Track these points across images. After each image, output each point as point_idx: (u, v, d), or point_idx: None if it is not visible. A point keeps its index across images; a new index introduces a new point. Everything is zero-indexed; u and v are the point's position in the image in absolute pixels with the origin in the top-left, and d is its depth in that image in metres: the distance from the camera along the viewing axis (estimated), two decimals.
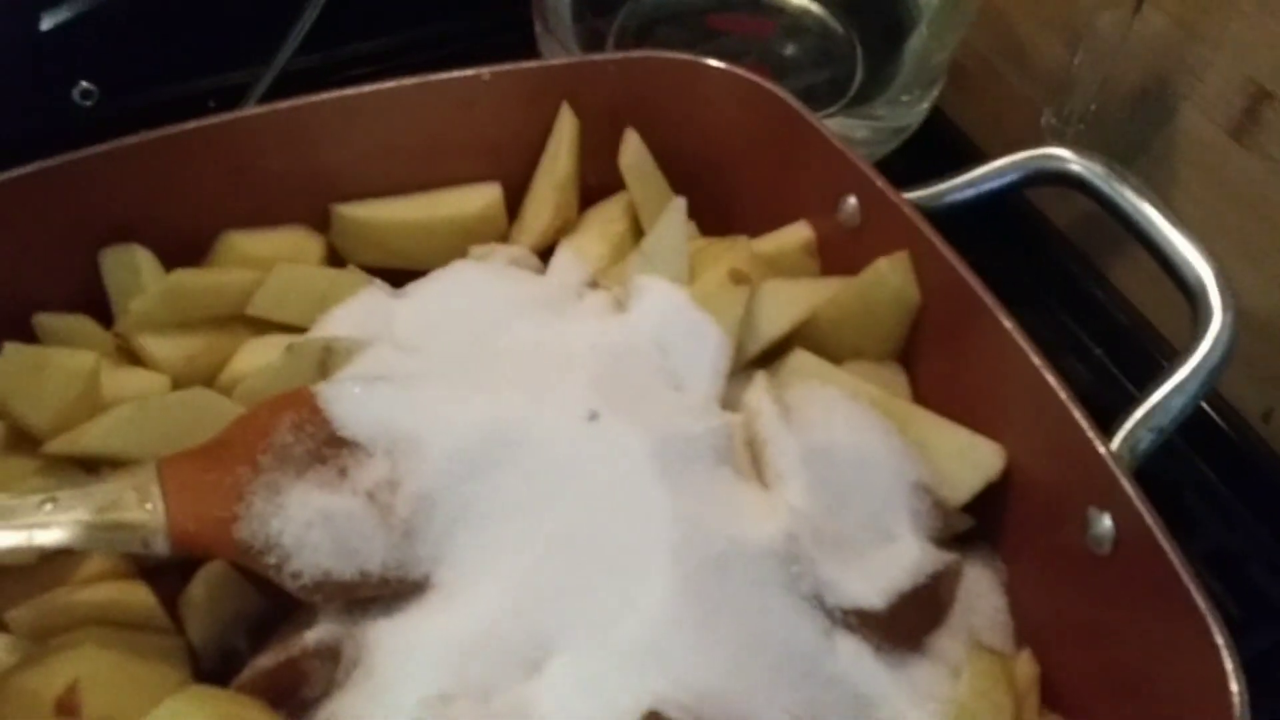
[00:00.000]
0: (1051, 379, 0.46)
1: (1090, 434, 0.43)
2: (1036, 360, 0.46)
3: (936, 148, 0.74)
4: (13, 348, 0.47)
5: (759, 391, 0.48)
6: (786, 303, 0.52)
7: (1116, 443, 0.45)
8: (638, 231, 0.59)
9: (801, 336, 0.53)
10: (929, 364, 0.53)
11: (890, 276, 0.51)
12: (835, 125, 0.65)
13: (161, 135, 0.53)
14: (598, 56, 0.60)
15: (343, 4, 0.72)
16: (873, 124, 0.70)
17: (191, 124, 0.53)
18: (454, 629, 0.41)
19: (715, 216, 0.60)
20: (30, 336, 0.52)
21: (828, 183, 0.56)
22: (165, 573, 0.46)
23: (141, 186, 0.53)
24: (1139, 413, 0.46)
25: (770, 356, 0.52)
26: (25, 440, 0.47)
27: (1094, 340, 0.69)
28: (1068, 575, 0.45)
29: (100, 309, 0.54)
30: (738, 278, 0.50)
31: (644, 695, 0.39)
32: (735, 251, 0.52)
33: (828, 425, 0.48)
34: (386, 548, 0.43)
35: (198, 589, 0.45)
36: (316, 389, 0.47)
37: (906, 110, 0.71)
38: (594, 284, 0.55)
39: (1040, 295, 0.71)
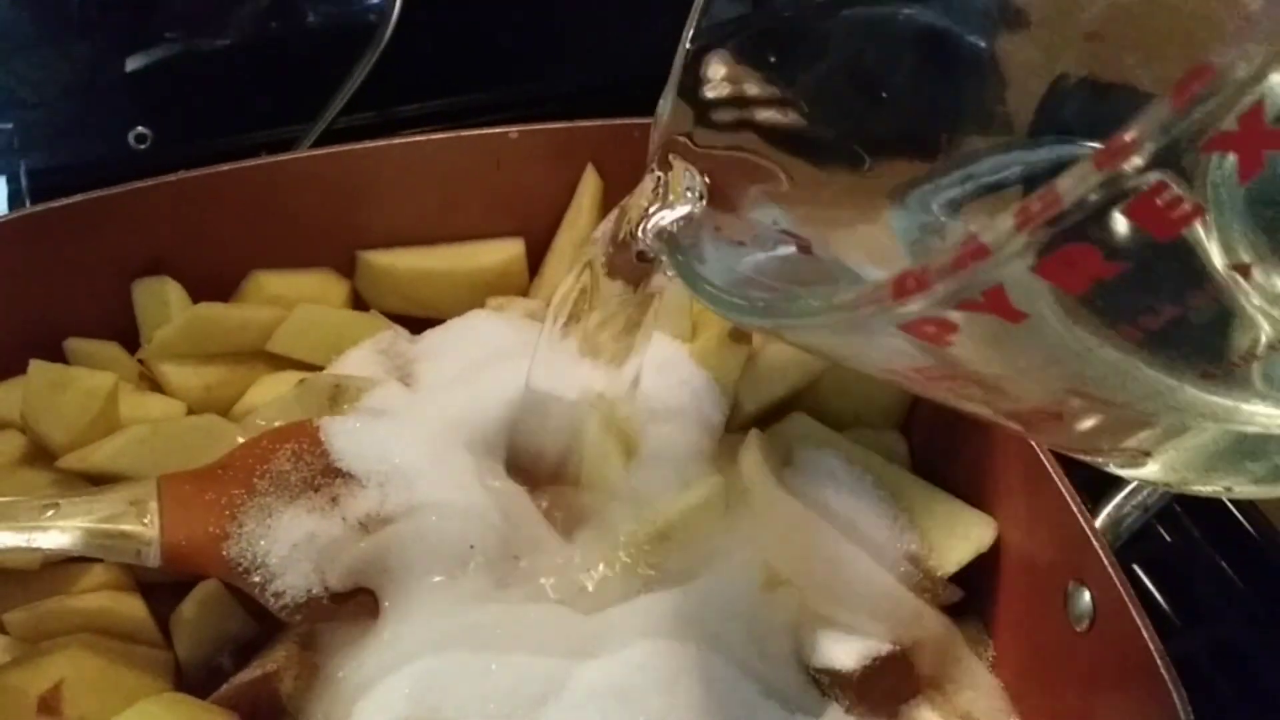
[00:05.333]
0: (1042, 452, 0.46)
1: (1074, 508, 0.43)
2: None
3: None
4: (38, 365, 0.49)
5: (753, 452, 0.49)
6: (790, 366, 0.53)
7: (1101, 519, 0.45)
8: None
9: (805, 402, 0.53)
10: (929, 434, 0.54)
11: None
12: None
13: (198, 175, 0.56)
14: (623, 120, 0.62)
15: (397, 67, 0.76)
16: None
17: (226, 166, 0.56)
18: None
19: None
20: (62, 360, 0.54)
21: None
22: (161, 591, 0.47)
23: (177, 223, 0.56)
24: (1126, 489, 0.45)
25: (773, 420, 0.53)
26: (43, 454, 0.49)
27: None
28: (1051, 653, 0.45)
29: (130, 338, 0.56)
30: (737, 337, 0.51)
31: None
32: None
33: (820, 489, 0.48)
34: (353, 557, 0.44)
35: (190, 607, 0.46)
36: (320, 422, 0.49)
37: None
38: None
39: None
